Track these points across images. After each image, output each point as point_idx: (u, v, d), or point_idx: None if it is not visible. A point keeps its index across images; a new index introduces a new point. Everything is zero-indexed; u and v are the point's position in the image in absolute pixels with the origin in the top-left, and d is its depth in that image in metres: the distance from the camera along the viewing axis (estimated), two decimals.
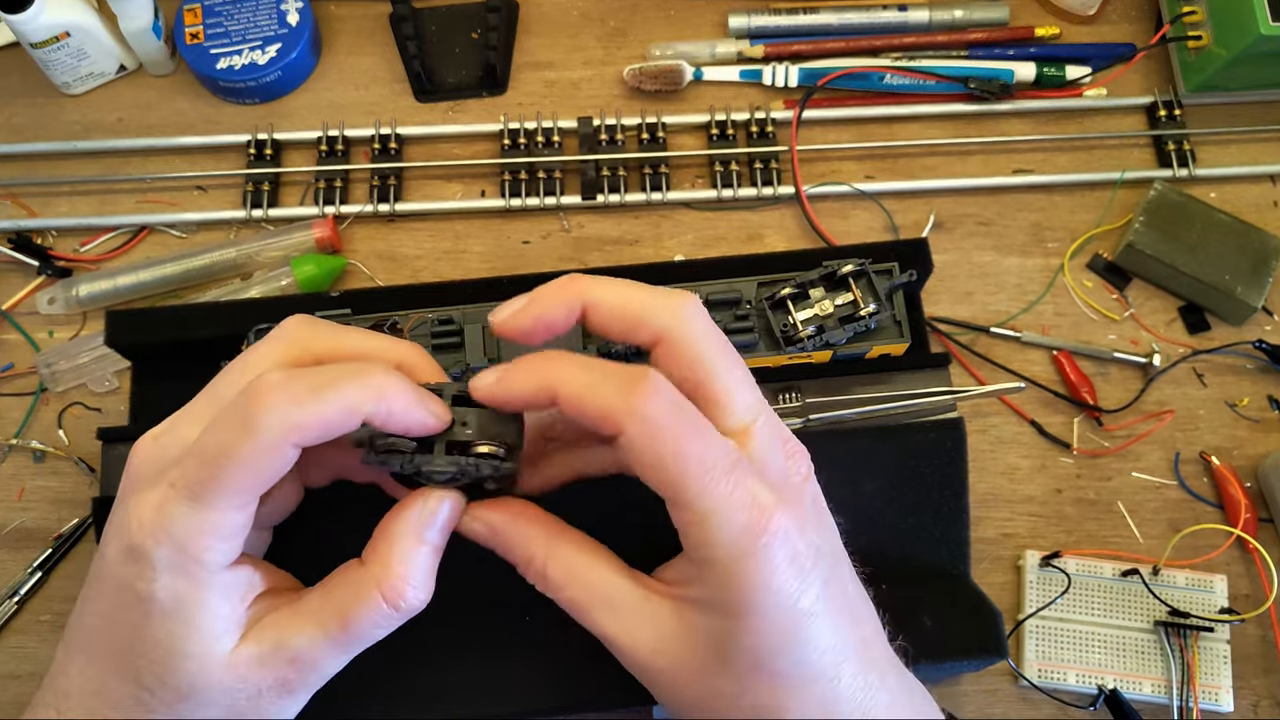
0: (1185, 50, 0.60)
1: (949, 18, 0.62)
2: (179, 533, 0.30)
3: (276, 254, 0.55)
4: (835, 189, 0.58)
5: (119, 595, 0.31)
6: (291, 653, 0.32)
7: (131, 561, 0.31)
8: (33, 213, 0.58)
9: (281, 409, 0.29)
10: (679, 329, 0.32)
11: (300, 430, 0.30)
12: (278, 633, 0.32)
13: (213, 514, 0.30)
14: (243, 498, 0.30)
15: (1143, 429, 0.53)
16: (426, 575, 0.33)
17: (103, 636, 0.32)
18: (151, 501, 0.30)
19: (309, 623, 0.32)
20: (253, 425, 0.29)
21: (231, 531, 0.31)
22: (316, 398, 0.30)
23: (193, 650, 0.31)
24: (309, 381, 0.30)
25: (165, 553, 0.30)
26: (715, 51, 0.61)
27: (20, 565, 0.51)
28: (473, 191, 0.59)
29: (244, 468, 0.30)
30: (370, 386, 0.30)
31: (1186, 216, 0.55)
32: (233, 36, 0.59)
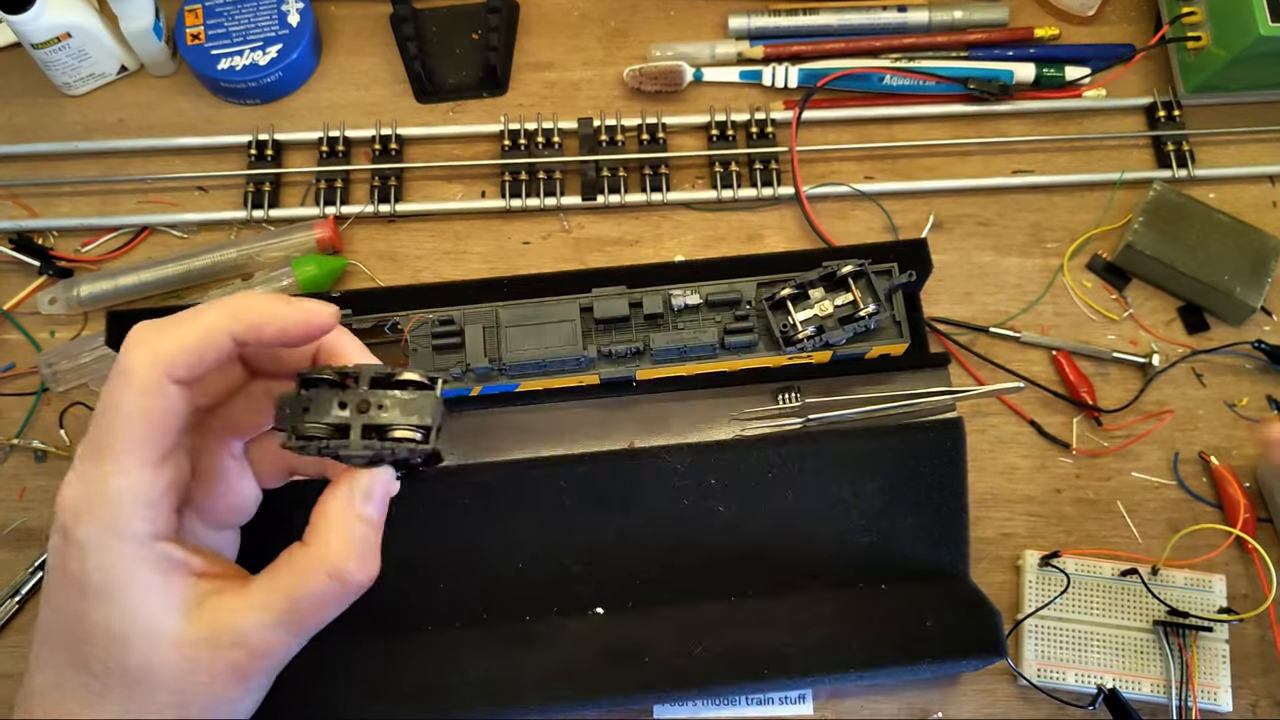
0: (1185, 51, 0.60)
1: (948, 18, 0.62)
2: (97, 504, 0.30)
3: (277, 254, 0.56)
4: (835, 189, 0.59)
5: (61, 584, 0.31)
6: (240, 635, 0.31)
7: (64, 545, 0.31)
8: (34, 213, 0.58)
9: (146, 343, 0.30)
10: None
11: (168, 358, 0.30)
12: (225, 615, 0.31)
13: (123, 477, 0.30)
14: (144, 450, 0.30)
15: (1142, 429, 0.54)
16: (368, 550, 0.32)
17: (54, 628, 0.32)
18: (72, 484, 0.31)
19: (256, 606, 0.32)
20: (122, 368, 0.30)
21: (149, 496, 0.31)
22: (174, 325, 0.31)
23: (133, 631, 0.31)
24: (171, 318, 0.32)
25: (89, 530, 0.30)
26: (715, 52, 0.62)
27: (21, 565, 0.51)
28: (473, 192, 0.59)
29: (131, 414, 0.30)
30: (226, 302, 0.32)
31: (1186, 217, 0.56)
32: (234, 37, 0.59)
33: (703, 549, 0.47)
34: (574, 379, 0.48)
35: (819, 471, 0.48)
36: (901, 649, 0.44)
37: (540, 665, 0.44)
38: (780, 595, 0.47)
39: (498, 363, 0.47)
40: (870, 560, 0.48)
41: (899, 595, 0.47)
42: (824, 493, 0.48)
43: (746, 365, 0.48)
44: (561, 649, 0.45)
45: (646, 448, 0.48)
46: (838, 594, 0.47)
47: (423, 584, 0.46)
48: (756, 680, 0.44)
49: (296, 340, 0.33)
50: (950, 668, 0.47)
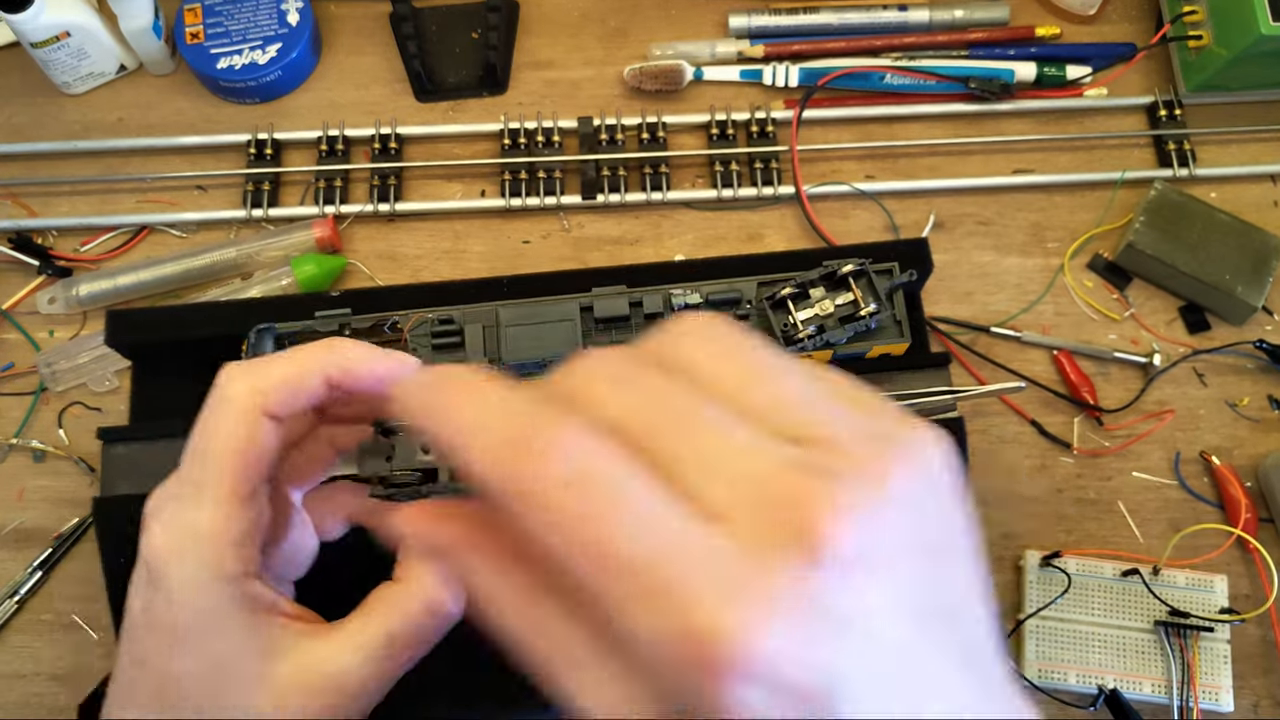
0: (1186, 50, 0.60)
1: (949, 17, 0.62)
2: (190, 541, 0.30)
3: (277, 253, 0.55)
4: (835, 189, 0.58)
5: (147, 633, 0.31)
6: (334, 679, 0.31)
7: (151, 592, 0.31)
8: (33, 212, 0.58)
9: (242, 379, 0.31)
10: None
11: (265, 392, 0.31)
12: (317, 659, 0.31)
13: (215, 509, 0.30)
14: (239, 480, 0.31)
15: (1143, 429, 0.53)
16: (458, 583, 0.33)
17: (137, 680, 0.32)
18: (159, 524, 0.31)
19: (350, 647, 0.32)
20: (220, 398, 0.31)
21: (240, 533, 0.31)
22: (270, 361, 0.32)
23: (227, 674, 0.31)
24: (266, 357, 0.32)
25: (182, 569, 0.30)
26: (715, 51, 0.61)
27: (20, 565, 0.51)
28: (473, 191, 0.59)
29: (226, 442, 0.30)
30: (321, 345, 0.32)
31: (1187, 216, 0.55)
32: (233, 36, 0.59)
33: None
34: None
35: None
36: None
37: None
38: None
39: (497, 362, 0.47)
40: None
41: None
42: None
43: None
44: None
45: None
46: None
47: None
48: None
49: (383, 386, 0.33)
50: None
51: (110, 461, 0.48)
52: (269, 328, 0.48)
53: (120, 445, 0.49)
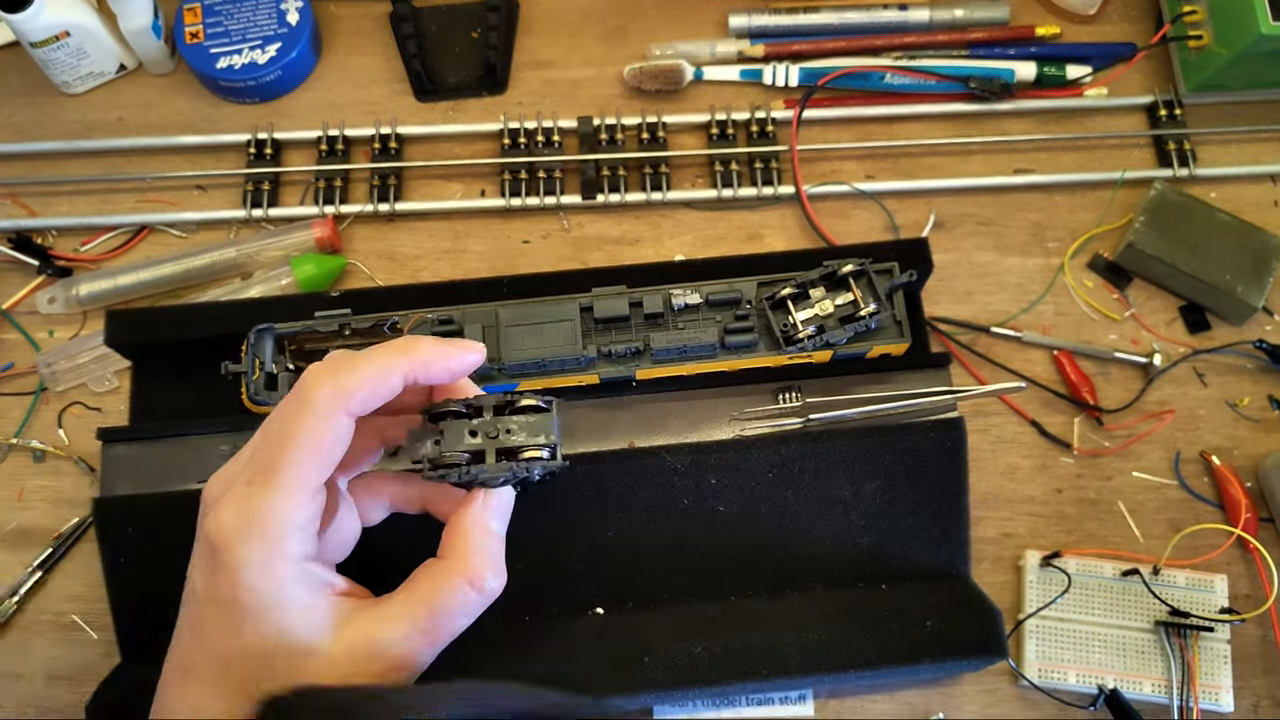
0: (1186, 50, 0.60)
1: (949, 17, 0.62)
2: (258, 523, 0.32)
3: (276, 253, 0.55)
4: (836, 189, 0.58)
5: (209, 607, 0.33)
6: (382, 648, 0.33)
7: (212, 570, 0.32)
8: (33, 212, 0.58)
9: (327, 379, 0.33)
10: None
11: (347, 394, 0.33)
12: (367, 630, 0.34)
13: (286, 497, 0.32)
14: (310, 476, 0.33)
15: (1143, 429, 0.53)
16: (499, 562, 0.36)
17: (197, 657, 0.34)
18: (229, 506, 0.33)
19: (399, 619, 0.34)
20: (305, 399, 0.33)
21: (305, 519, 0.33)
22: (354, 363, 0.34)
23: (286, 647, 0.32)
24: (348, 355, 0.34)
25: (246, 549, 0.32)
26: (715, 51, 0.61)
27: (20, 565, 0.51)
28: (473, 191, 0.59)
29: (306, 439, 0.32)
30: (398, 345, 0.35)
31: (1187, 216, 0.55)
32: (233, 36, 0.59)
33: (703, 549, 0.47)
34: (574, 379, 0.48)
35: (819, 471, 0.48)
36: (902, 649, 0.44)
37: (540, 665, 0.44)
38: (780, 595, 0.47)
39: (497, 362, 0.47)
40: (871, 560, 0.48)
41: (899, 595, 0.47)
42: (824, 493, 0.47)
43: (746, 365, 0.48)
44: (561, 649, 0.45)
45: (646, 447, 0.48)
46: (838, 594, 0.47)
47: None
48: (757, 680, 0.43)
49: (455, 377, 0.36)
50: (951, 668, 0.47)
51: (110, 461, 0.48)
52: (269, 328, 0.48)
53: (120, 445, 0.49)
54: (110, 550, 0.46)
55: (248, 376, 0.47)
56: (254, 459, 0.33)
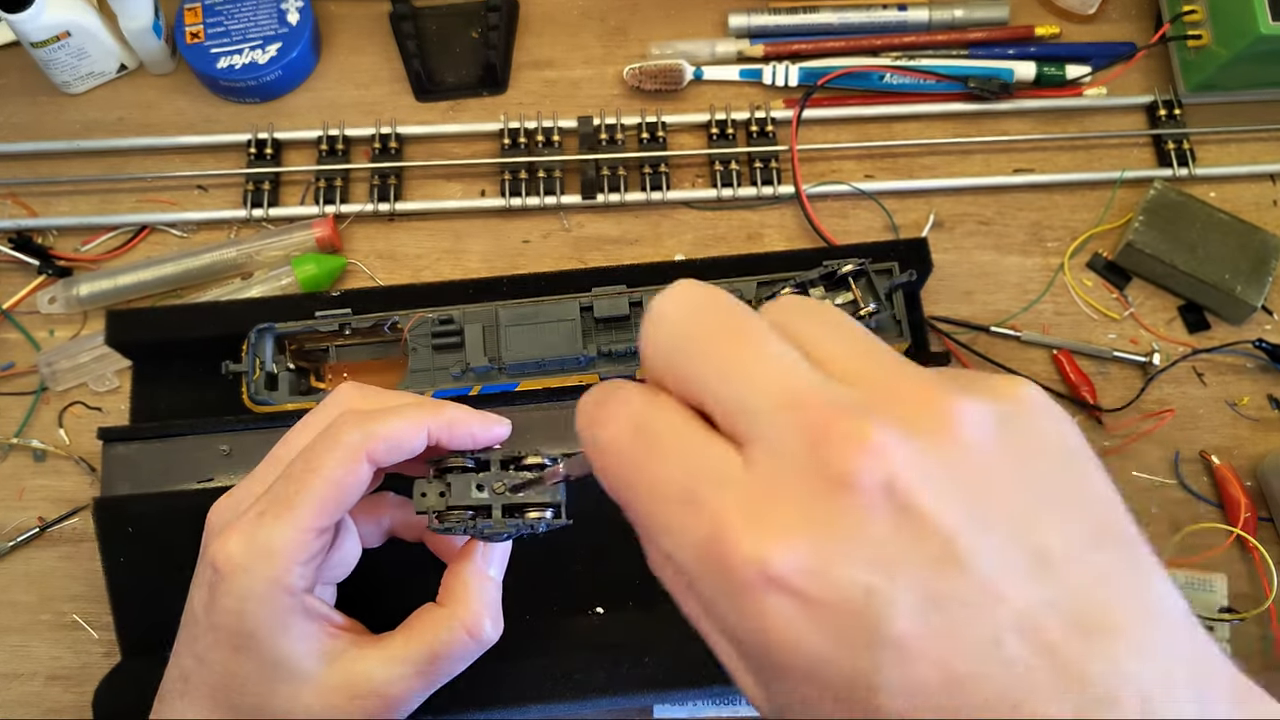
0: (1185, 49, 0.60)
1: (949, 17, 0.62)
2: (265, 556, 0.33)
3: (277, 253, 0.55)
4: (835, 188, 0.58)
5: (208, 634, 0.34)
6: (376, 686, 0.34)
7: (218, 596, 0.33)
8: (33, 212, 0.58)
9: (359, 425, 0.34)
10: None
11: (376, 442, 0.34)
12: (364, 667, 0.34)
13: (297, 534, 0.33)
14: (327, 511, 0.33)
15: (1143, 428, 0.53)
16: (498, 611, 0.37)
17: (195, 677, 0.34)
18: (237, 535, 0.33)
19: (397, 661, 0.35)
20: (335, 440, 0.34)
21: (312, 553, 0.34)
22: (387, 415, 0.34)
23: (282, 675, 0.33)
24: (381, 405, 0.35)
25: (250, 581, 0.32)
26: (715, 51, 0.61)
27: (20, 564, 0.51)
28: (473, 191, 0.59)
29: (327, 480, 0.33)
30: (430, 404, 0.36)
31: (1186, 216, 0.55)
32: (233, 36, 0.59)
33: None
34: (574, 378, 0.48)
35: None
36: None
37: (540, 665, 0.44)
38: None
39: (497, 362, 0.47)
40: None
41: None
42: None
43: None
44: (562, 649, 0.45)
45: None
46: None
47: (421, 585, 0.46)
48: None
49: (478, 445, 0.37)
50: None
51: (111, 461, 0.48)
52: (269, 328, 0.48)
53: (121, 445, 0.49)
54: (111, 550, 0.46)
55: (248, 376, 0.47)
56: (272, 491, 0.34)
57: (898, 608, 0.17)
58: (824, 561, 0.18)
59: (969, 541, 0.18)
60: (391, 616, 0.38)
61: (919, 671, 0.17)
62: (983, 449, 0.19)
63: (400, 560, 0.41)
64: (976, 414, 0.19)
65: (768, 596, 0.18)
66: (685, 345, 0.21)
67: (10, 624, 0.50)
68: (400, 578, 0.39)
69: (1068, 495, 0.19)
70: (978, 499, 0.18)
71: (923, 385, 0.19)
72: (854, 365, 0.20)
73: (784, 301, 0.23)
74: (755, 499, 0.19)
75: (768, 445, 0.19)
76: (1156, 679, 0.17)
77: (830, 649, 0.18)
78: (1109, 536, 0.19)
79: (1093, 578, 0.18)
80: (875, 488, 0.18)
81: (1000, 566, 0.18)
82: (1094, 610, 0.18)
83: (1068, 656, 0.17)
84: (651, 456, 0.21)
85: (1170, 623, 0.18)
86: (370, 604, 0.38)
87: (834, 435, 0.18)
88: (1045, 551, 0.18)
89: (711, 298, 0.22)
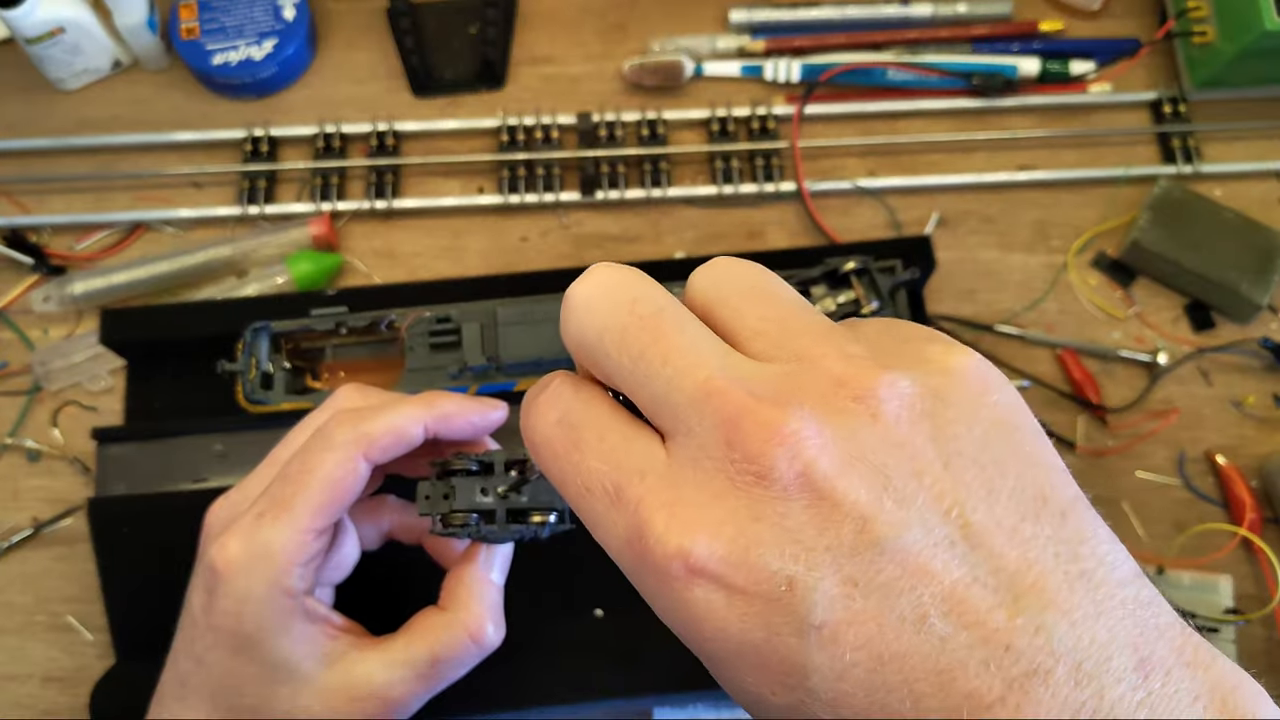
0: (1190, 45, 0.59)
1: (952, 12, 0.61)
2: (264, 557, 0.32)
3: (272, 251, 0.55)
4: (837, 185, 0.58)
5: (207, 636, 0.33)
6: (377, 688, 0.34)
7: (217, 599, 0.33)
8: (26, 210, 0.58)
9: (352, 424, 0.34)
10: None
11: (370, 440, 0.34)
12: (365, 669, 0.34)
13: (296, 535, 0.33)
14: (324, 511, 0.33)
15: (1148, 428, 0.53)
16: (500, 615, 0.37)
17: (193, 679, 0.34)
18: (236, 537, 0.33)
19: (399, 664, 0.35)
20: (329, 440, 0.34)
21: (311, 554, 0.33)
22: (380, 411, 0.34)
23: (283, 676, 0.33)
24: (374, 404, 0.35)
25: (250, 583, 0.32)
26: (716, 46, 0.61)
27: (14, 565, 0.50)
28: (470, 188, 0.59)
29: (324, 480, 0.33)
30: (422, 398, 0.36)
31: (1192, 213, 0.55)
32: (228, 32, 0.58)
33: None
34: None
35: None
36: None
37: (540, 667, 0.44)
38: None
39: (495, 361, 0.47)
40: None
41: None
42: None
43: None
44: (561, 649, 0.45)
45: None
46: None
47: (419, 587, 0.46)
48: None
49: (478, 434, 0.37)
50: None
51: (105, 461, 0.48)
52: (265, 326, 0.47)
53: (115, 445, 0.48)
54: (105, 550, 0.46)
55: (244, 375, 0.47)
56: (269, 492, 0.34)
57: (819, 595, 0.18)
58: (744, 552, 0.18)
59: (888, 523, 0.18)
60: (388, 618, 0.37)
61: (848, 656, 0.17)
62: (904, 426, 0.18)
63: (398, 563, 0.41)
64: (899, 390, 0.19)
65: (693, 589, 0.18)
66: (601, 337, 0.21)
67: (5, 625, 0.49)
68: (398, 580, 0.39)
69: (998, 466, 0.19)
70: (897, 479, 0.18)
71: (844, 360, 0.19)
72: (774, 339, 0.20)
73: (708, 270, 0.22)
74: (676, 492, 0.19)
75: (686, 437, 0.19)
76: (1092, 646, 0.17)
77: (761, 637, 0.18)
78: (1044, 505, 0.19)
79: (1022, 548, 0.18)
80: (791, 476, 0.18)
81: (923, 545, 0.18)
82: (1023, 581, 0.18)
83: (994, 629, 0.17)
84: (578, 450, 0.21)
85: (1111, 587, 0.18)
86: (368, 606, 0.38)
87: (748, 425, 0.18)
88: (971, 526, 0.18)
89: (625, 284, 0.21)
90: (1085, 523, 0.19)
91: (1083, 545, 0.18)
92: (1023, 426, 0.20)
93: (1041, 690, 0.17)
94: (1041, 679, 0.17)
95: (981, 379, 0.20)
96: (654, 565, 0.19)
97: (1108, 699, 0.17)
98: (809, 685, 0.18)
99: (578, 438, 0.21)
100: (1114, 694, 0.17)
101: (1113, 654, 0.17)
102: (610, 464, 0.20)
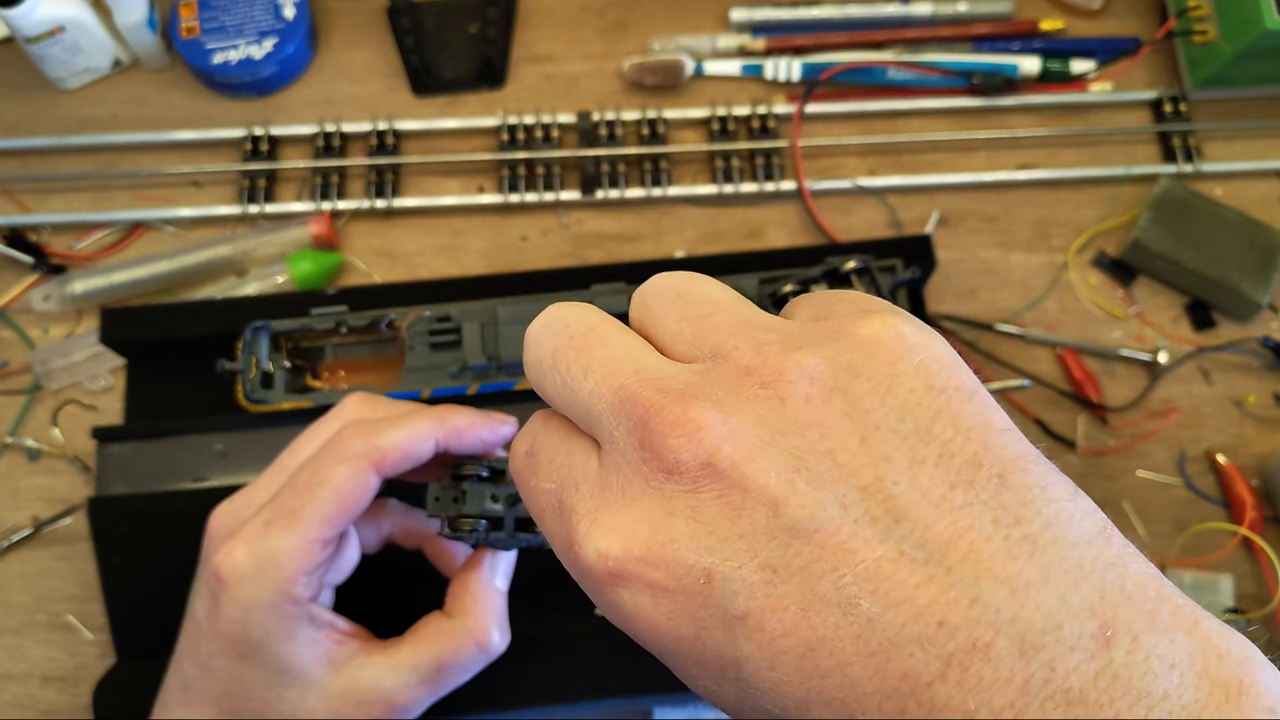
0: (1190, 45, 0.59)
1: (952, 11, 0.61)
2: (270, 565, 0.33)
3: (272, 250, 0.55)
4: (838, 184, 0.58)
5: (212, 642, 0.34)
6: (382, 693, 0.34)
7: (222, 605, 0.33)
8: (26, 209, 0.58)
9: (364, 437, 0.34)
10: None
11: (381, 454, 0.34)
12: (370, 674, 0.34)
13: (303, 544, 0.33)
14: (332, 522, 0.33)
15: (1148, 427, 0.53)
16: (505, 622, 0.37)
17: (198, 685, 0.34)
18: (242, 545, 0.33)
19: (405, 669, 0.35)
20: (341, 451, 0.34)
21: (317, 563, 0.34)
22: (392, 425, 0.34)
23: (288, 682, 0.33)
24: (383, 416, 0.36)
25: (255, 591, 0.33)
26: (716, 45, 0.61)
27: (14, 564, 0.50)
28: (471, 187, 0.58)
29: (333, 492, 0.33)
30: (436, 412, 0.36)
31: (1192, 212, 0.55)
32: (229, 30, 0.58)
33: None
34: None
35: None
36: None
37: (540, 666, 0.44)
38: None
39: (495, 360, 0.47)
40: None
41: None
42: None
43: None
44: (562, 649, 0.45)
45: None
46: None
47: (418, 591, 0.46)
48: None
49: (488, 447, 0.37)
50: None
51: (105, 460, 0.48)
52: (265, 325, 0.47)
53: (115, 444, 0.48)
54: (105, 549, 0.46)
55: (244, 374, 0.46)
56: (277, 501, 0.34)
57: (738, 585, 0.17)
58: (660, 549, 0.18)
59: (801, 504, 0.17)
60: (388, 619, 0.37)
61: (776, 643, 0.17)
62: (814, 406, 0.18)
63: (397, 565, 0.41)
64: (807, 370, 0.19)
65: (619, 590, 0.19)
66: (541, 363, 0.22)
67: (5, 625, 0.49)
68: (396, 583, 0.39)
69: (921, 434, 0.18)
70: (809, 459, 0.18)
71: (754, 350, 0.19)
72: (690, 339, 0.21)
73: (643, 286, 0.23)
74: (601, 499, 0.20)
75: (610, 445, 0.20)
76: (1036, 614, 0.16)
77: (690, 632, 0.18)
78: (978, 469, 0.18)
79: (953, 516, 0.17)
80: (697, 468, 0.18)
81: (840, 522, 0.17)
82: (955, 551, 0.17)
83: (925, 604, 0.16)
84: (535, 475, 0.22)
85: (1062, 549, 0.17)
86: (368, 607, 0.38)
87: (655, 423, 0.19)
88: (894, 499, 0.17)
89: (564, 315, 0.22)
90: (1030, 481, 0.18)
91: (1025, 508, 0.17)
92: (949, 387, 0.19)
93: (983, 665, 0.16)
94: (981, 653, 0.16)
95: (897, 344, 0.19)
96: (585, 572, 0.19)
97: (1060, 670, 0.15)
98: (745, 676, 0.18)
99: (536, 464, 0.22)
100: (1067, 664, 0.15)
101: (1063, 621, 0.16)
102: (555, 481, 0.21)
